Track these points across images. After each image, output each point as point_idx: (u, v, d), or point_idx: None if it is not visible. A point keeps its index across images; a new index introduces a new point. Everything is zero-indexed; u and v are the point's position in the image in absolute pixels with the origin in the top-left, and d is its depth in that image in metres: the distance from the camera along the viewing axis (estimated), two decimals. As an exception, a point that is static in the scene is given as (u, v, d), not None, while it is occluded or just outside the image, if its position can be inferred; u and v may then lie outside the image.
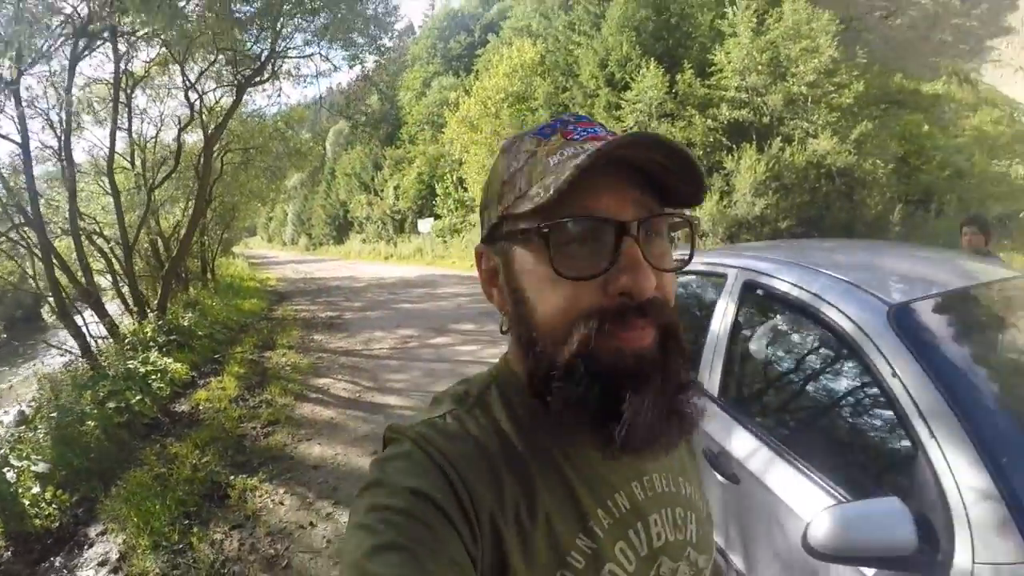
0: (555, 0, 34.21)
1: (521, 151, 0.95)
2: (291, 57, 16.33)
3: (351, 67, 17.73)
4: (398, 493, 0.79)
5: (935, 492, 1.92)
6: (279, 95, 29.25)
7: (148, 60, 15.11)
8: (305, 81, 50.61)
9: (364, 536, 0.75)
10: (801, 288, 2.70)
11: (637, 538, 0.96)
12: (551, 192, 0.83)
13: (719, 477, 2.77)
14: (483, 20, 50.53)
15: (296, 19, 14.66)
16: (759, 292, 3.01)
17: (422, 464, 0.83)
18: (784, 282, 2.82)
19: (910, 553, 1.82)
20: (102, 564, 5.31)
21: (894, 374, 2.15)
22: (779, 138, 20.00)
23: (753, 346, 2.93)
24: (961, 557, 1.79)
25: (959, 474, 1.89)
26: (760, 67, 21.23)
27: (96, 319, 13.89)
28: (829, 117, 20.22)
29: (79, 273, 13.79)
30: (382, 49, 16.67)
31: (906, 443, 2.07)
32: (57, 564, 5.43)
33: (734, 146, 20.20)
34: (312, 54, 16.53)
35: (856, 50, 22.89)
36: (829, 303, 2.51)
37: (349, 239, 50.51)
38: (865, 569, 1.99)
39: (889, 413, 2.17)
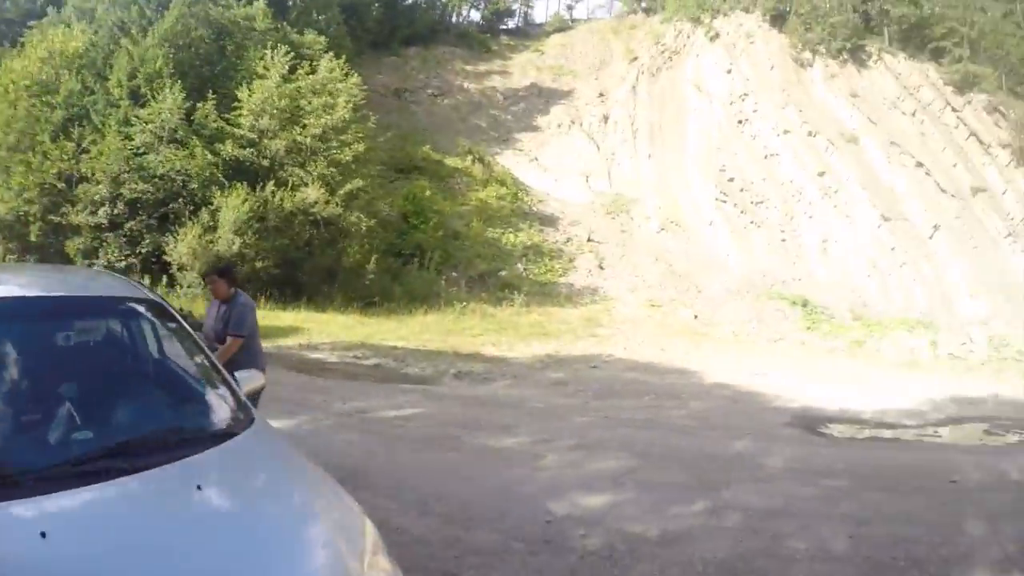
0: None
1: None
2: None
3: None
4: None
5: None
6: None
7: None
8: None
9: None
10: None
11: None
12: None
13: None
14: (52, -10, 46.93)
15: None
16: None
17: None
18: None
19: None
20: None
21: None
22: (273, 182, 21.73)
23: None
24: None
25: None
26: (275, 111, 23.05)
27: None
28: (325, 170, 22.63)
29: None
30: None
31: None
32: None
33: (228, 183, 21.69)
34: None
35: (369, 114, 25.58)
36: None
37: None
38: None
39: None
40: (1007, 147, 31.43)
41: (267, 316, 18.44)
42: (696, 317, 25.58)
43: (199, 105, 23.16)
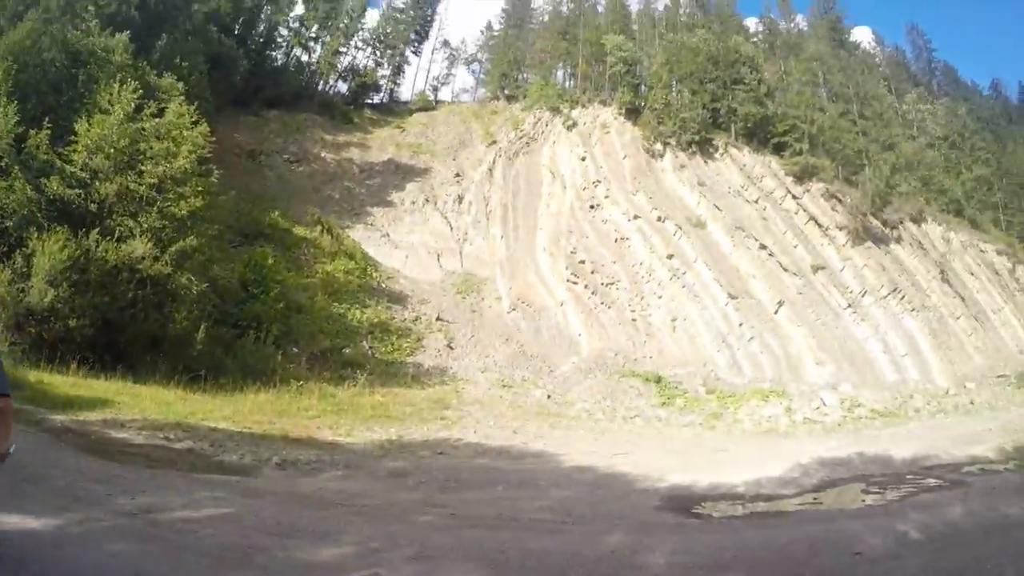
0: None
1: None
2: None
3: None
4: None
5: None
6: None
7: None
8: None
9: None
10: None
11: None
12: None
13: None
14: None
15: None
16: None
17: None
18: None
19: None
20: None
21: None
22: (99, 230, 19.68)
23: None
24: None
25: None
26: (112, 151, 21.10)
27: None
28: (157, 223, 20.82)
29: None
30: None
31: None
32: None
33: (49, 226, 19.07)
34: None
35: (213, 168, 24.08)
36: None
37: None
38: None
39: None
40: (844, 229, 34.35)
41: (77, 384, 16.34)
42: (549, 397, 25.40)
43: (32, 133, 20.48)
